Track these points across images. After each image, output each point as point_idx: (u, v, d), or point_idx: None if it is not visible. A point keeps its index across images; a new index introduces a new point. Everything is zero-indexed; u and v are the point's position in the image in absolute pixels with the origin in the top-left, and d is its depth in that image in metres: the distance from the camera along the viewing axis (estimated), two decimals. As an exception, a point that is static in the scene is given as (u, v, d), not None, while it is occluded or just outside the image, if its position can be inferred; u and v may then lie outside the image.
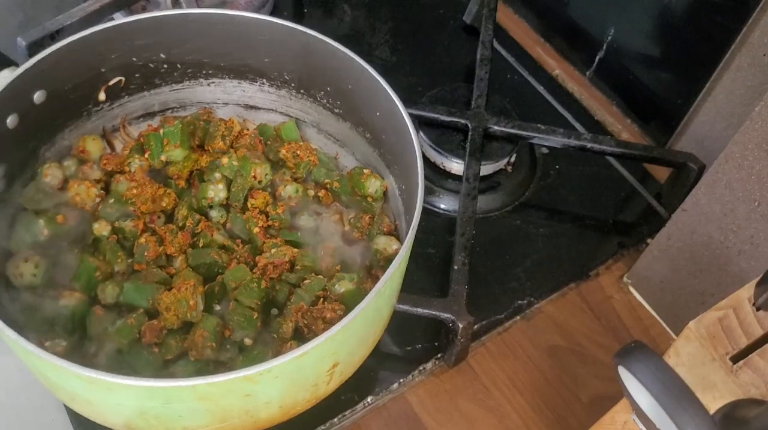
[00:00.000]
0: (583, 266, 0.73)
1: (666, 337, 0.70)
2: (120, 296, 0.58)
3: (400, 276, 0.56)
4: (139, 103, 0.68)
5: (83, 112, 0.65)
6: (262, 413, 0.51)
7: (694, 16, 0.74)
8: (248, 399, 0.48)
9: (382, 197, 0.66)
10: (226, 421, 0.50)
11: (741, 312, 0.43)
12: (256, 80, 0.69)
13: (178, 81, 0.68)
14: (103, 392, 0.46)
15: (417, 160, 0.56)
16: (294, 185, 0.66)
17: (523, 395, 0.65)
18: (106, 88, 0.65)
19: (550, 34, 0.93)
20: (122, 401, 0.47)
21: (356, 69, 0.62)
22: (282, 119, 0.71)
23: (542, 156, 0.81)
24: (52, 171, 0.63)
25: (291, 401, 0.52)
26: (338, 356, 0.51)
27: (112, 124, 0.68)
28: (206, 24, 0.64)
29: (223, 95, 0.71)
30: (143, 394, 0.46)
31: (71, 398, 0.51)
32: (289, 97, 0.70)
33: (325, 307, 0.58)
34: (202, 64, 0.68)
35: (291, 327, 0.57)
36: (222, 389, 0.46)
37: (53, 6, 0.81)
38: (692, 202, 0.63)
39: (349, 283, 0.59)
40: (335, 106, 0.68)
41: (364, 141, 0.67)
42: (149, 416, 0.48)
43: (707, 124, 0.77)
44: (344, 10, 0.94)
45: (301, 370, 0.48)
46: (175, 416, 0.48)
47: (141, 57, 0.65)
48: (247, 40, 0.65)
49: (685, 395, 0.35)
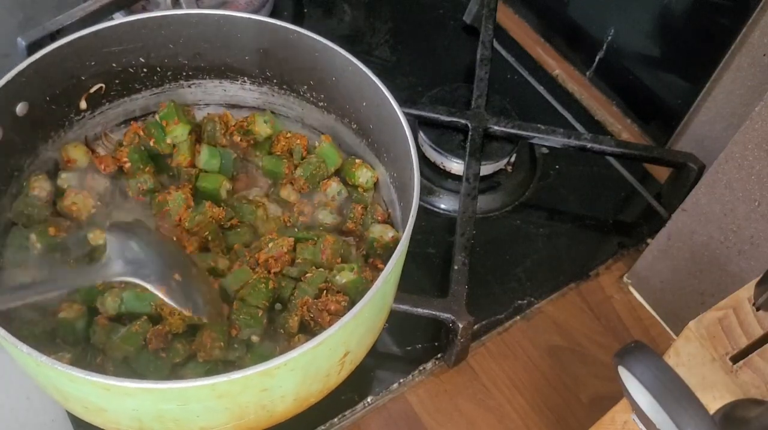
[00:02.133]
0: (583, 266, 0.73)
1: (666, 337, 0.70)
2: (121, 307, 0.57)
3: (402, 262, 0.57)
4: (120, 109, 0.68)
5: (65, 122, 0.64)
6: (278, 407, 0.51)
7: (694, 16, 0.74)
8: (265, 394, 0.48)
9: (372, 188, 0.66)
10: (243, 418, 0.50)
11: (741, 312, 0.43)
12: (237, 79, 0.69)
13: (158, 84, 0.68)
14: (120, 398, 0.46)
15: (410, 147, 0.56)
16: (339, 185, 0.66)
17: (523, 395, 0.65)
18: (87, 96, 0.64)
19: (550, 34, 0.93)
20: (139, 406, 0.47)
21: (339, 61, 0.62)
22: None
23: (542, 156, 0.81)
24: (39, 183, 0.62)
25: (305, 393, 0.52)
26: (349, 344, 0.52)
27: (94, 132, 0.67)
28: (183, 25, 0.64)
29: (204, 96, 0.70)
30: (161, 397, 0.46)
31: (84, 408, 0.50)
32: (271, 93, 0.70)
33: (328, 299, 0.58)
34: (182, 65, 0.67)
35: (297, 321, 0.58)
36: (240, 386, 0.46)
37: (53, 6, 0.81)
38: (692, 202, 0.63)
39: (350, 273, 0.59)
40: (319, 99, 0.68)
41: (350, 132, 0.67)
42: (166, 419, 0.48)
43: (707, 124, 0.77)
44: (344, 10, 0.94)
45: (315, 361, 0.49)
46: (192, 417, 0.48)
47: (120, 62, 0.64)
48: (225, 39, 0.65)
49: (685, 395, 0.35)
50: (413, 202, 0.54)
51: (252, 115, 0.69)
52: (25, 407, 0.61)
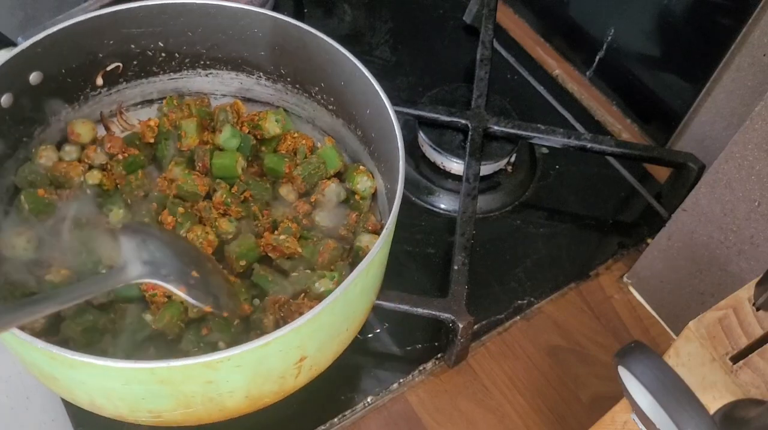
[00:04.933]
0: (583, 266, 0.73)
1: (666, 337, 0.70)
2: (110, 294, 0.57)
3: (376, 274, 0.56)
4: (137, 90, 0.69)
5: (80, 96, 0.65)
6: (228, 402, 0.51)
7: (694, 16, 0.74)
8: (211, 386, 0.48)
9: (369, 197, 0.66)
10: (190, 407, 0.50)
11: (741, 312, 0.43)
12: (253, 73, 0.70)
13: (176, 70, 0.69)
14: (66, 369, 0.46)
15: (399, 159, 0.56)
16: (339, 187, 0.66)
17: (523, 395, 0.65)
18: (104, 73, 0.65)
19: (550, 34, 0.93)
20: (85, 380, 0.48)
21: (348, 66, 0.62)
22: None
23: (542, 156, 0.81)
24: (47, 153, 0.63)
25: (257, 392, 0.51)
26: (305, 349, 0.51)
27: (110, 109, 0.68)
28: (202, 14, 0.64)
29: (221, 86, 0.71)
30: (102, 372, 0.46)
31: (40, 373, 0.51)
32: (285, 91, 0.70)
33: (304, 303, 0.58)
34: (200, 54, 0.68)
35: (272, 320, 0.57)
36: (181, 374, 0.46)
37: (53, 6, 0.81)
38: (692, 202, 0.63)
39: (329, 282, 0.59)
40: (329, 102, 0.68)
41: (355, 139, 0.67)
42: (113, 397, 0.48)
43: (707, 124, 0.77)
44: (344, 9, 0.94)
45: (265, 361, 0.48)
46: (137, 399, 0.48)
47: (139, 44, 0.65)
48: (242, 32, 0.65)
49: (685, 395, 0.35)
50: (392, 213, 0.53)
51: (265, 111, 0.69)
52: (25, 407, 0.62)
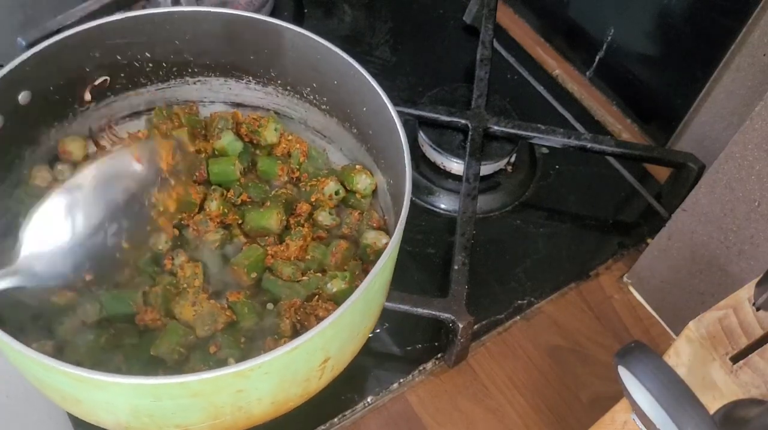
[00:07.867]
0: (583, 266, 0.73)
1: (666, 337, 0.70)
2: (102, 311, 0.57)
3: (390, 270, 0.56)
4: (125, 102, 0.68)
5: (69, 113, 0.65)
6: (255, 409, 0.51)
7: (694, 16, 0.74)
8: (240, 395, 0.48)
9: (370, 195, 0.66)
10: (218, 418, 0.50)
11: (741, 312, 0.43)
12: (242, 78, 0.69)
13: (164, 80, 0.68)
14: (93, 390, 0.46)
15: (405, 156, 0.56)
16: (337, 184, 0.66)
17: (523, 395, 0.65)
18: (92, 87, 0.64)
19: (550, 34, 0.93)
20: (112, 400, 0.47)
21: (341, 64, 0.61)
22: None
23: (542, 156, 0.81)
24: (41, 173, 0.62)
25: (283, 396, 0.52)
26: (329, 351, 0.51)
27: (99, 124, 0.68)
28: (189, 22, 0.64)
29: (209, 93, 0.70)
30: (132, 392, 0.45)
31: (62, 397, 0.50)
32: (276, 94, 0.69)
33: (318, 305, 0.58)
34: (187, 62, 0.67)
35: (288, 324, 0.57)
36: (213, 386, 0.46)
37: (53, 6, 0.81)
38: (692, 202, 0.63)
39: (341, 282, 0.59)
40: (322, 102, 0.67)
41: (351, 137, 0.67)
42: (141, 414, 0.48)
43: (707, 124, 0.77)
44: (344, 10, 0.94)
45: (292, 365, 0.48)
46: (167, 414, 0.48)
47: (125, 56, 0.64)
48: (229, 38, 0.65)
49: (685, 395, 0.35)
50: (403, 210, 0.53)
51: (266, 118, 0.69)
52: (25, 407, 0.62)
